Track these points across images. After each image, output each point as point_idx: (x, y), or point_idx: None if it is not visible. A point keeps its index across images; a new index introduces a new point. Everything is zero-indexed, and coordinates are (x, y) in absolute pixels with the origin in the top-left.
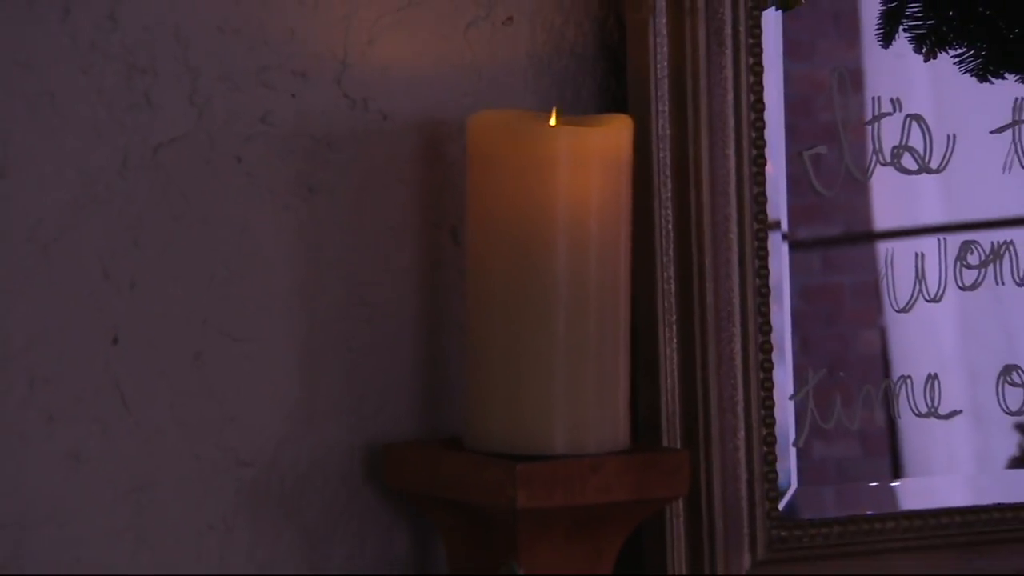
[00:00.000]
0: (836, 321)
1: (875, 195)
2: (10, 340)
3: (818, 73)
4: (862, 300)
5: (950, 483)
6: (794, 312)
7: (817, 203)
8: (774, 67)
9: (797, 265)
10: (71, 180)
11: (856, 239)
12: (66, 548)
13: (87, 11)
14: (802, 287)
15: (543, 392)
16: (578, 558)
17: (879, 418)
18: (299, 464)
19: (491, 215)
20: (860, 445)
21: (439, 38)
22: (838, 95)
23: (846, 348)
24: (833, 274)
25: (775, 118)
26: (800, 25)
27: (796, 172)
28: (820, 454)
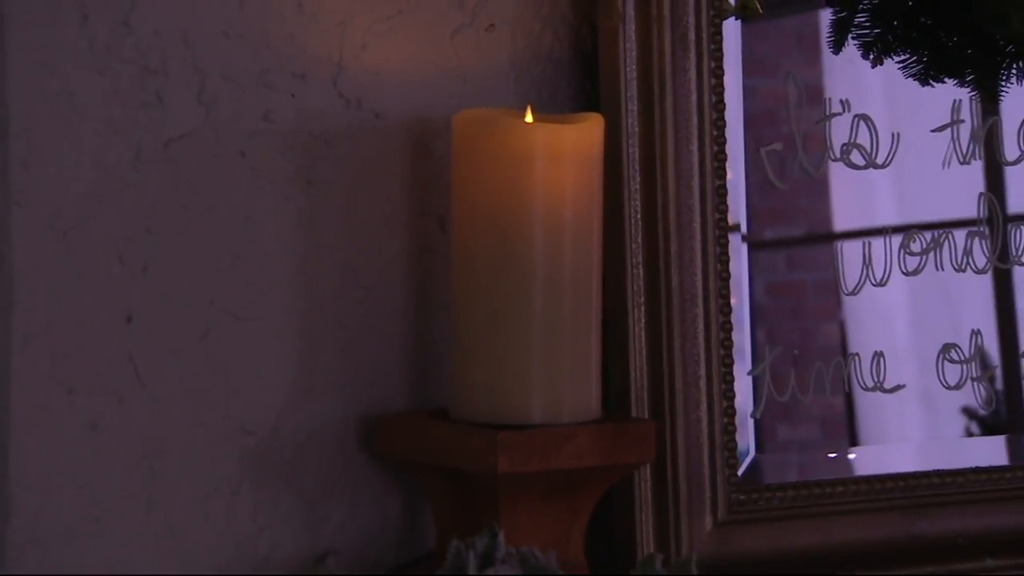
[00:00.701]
0: (800, 315)
1: (833, 197)
2: (33, 319)
3: (782, 88)
4: (823, 295)
5: (899, 451)
6: (760, 307)
7: (781, 206)
8: (734, 70)
9: (763, 264)
10: (88, 172)
11: (816, 240)
12: (85, 509)
13: (103, 17)
14: (767, 284)
15: (522, 367)
16: (554, 519)
17: (830, 392)
18: (298, 433)
19: (474, 205)
20: (813, 417)
21: (427, 43)
22: (792, 96)
23: (808, 340)
24: (796, 272)
25: (734, 117)
26: (766, 46)
27: (754, 168)
28: (776, 425)
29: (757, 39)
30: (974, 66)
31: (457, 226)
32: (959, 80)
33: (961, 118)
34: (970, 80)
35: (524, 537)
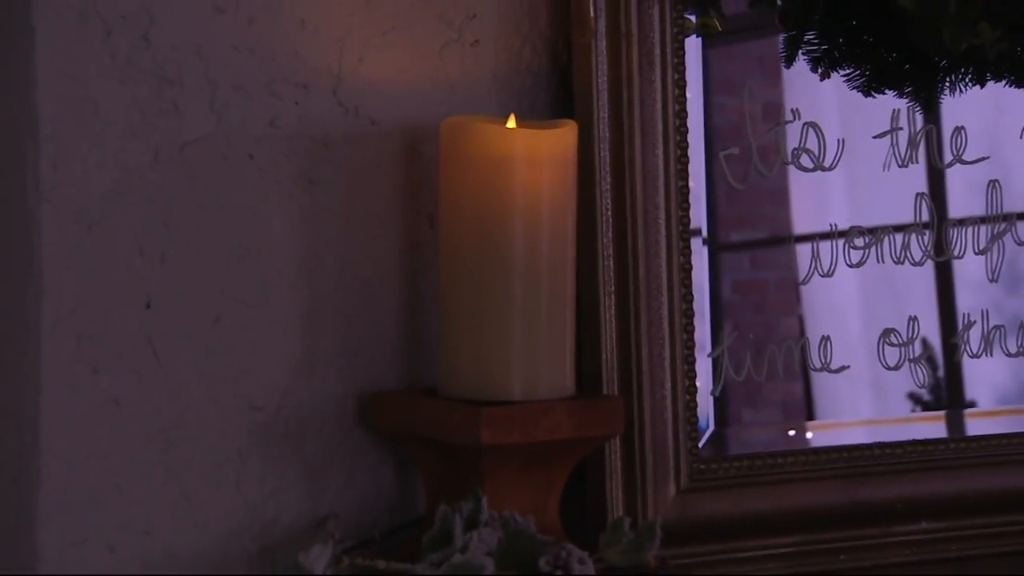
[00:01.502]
0: (763, 310)
1: (792, 203)
2: (60, 305)
3: (751, 105)
4: (784, 292)
5: (850, 428)
6: (726, 303)
7: (745, 212)
8: (695, 83)
9: (729, 264)
10: (111, 173)
11: (776, 242)
12: (108, 478)
13: (125, 33)
14: (733, 282)
15: (503, 349)
16: (532, 486)
17: (781, 373)
18: (301, 409)
19: (461, 204)
20: (775, 401)
21: (418, 57)
22: (747, 105)
23: (771, 332)
24: (759, 271)
25: (696, 125)
26: (733, 66)
27: (719, 173)
28: (733, 401)
29: (725, 60)
30: (912, 79)
31: (445, 223)
32: (898, 91)
33: (900, 125)
34: (908, 91)
35: (505, 503)
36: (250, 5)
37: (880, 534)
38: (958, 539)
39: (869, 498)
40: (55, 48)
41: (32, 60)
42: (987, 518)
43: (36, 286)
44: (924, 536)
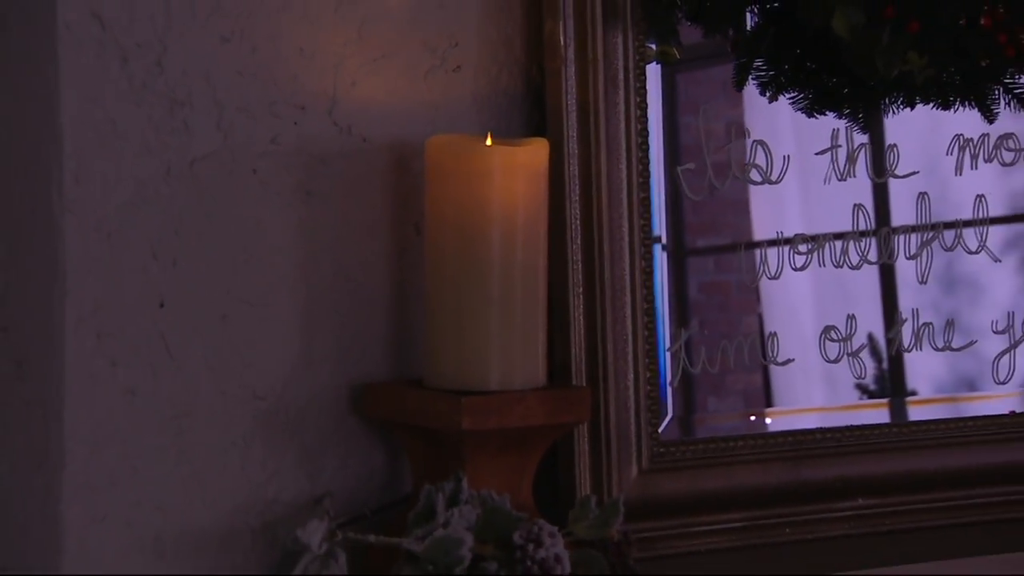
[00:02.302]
0: (726, 309)
1: (752, 213)
2: (82, 305)
3: (710, 125)
4: (744, 292)
5: (804, 414)
6: (693, 302)
7: (710, 221)
8: (655, 104)
9: (695, 267)
10: (127, 186)
11: (737, 247)
12: (125, 461)
13: (140, 60)
14: (699, 283)
15: (481, 343)
16: (508, 467)
17: (733, 364)
18: (300, 399)
19: (444, 213)
20: (738, 391)
21: (405, 81)
22: (703, 125)
23: (733, 328)
24: (723, 273)
25: (656, 141)
26: (697, 89)
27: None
28: (699, 390)
29: (692, 85)
30: (850, 101)
31: (430, 230)
32: (838, 112)
33: (839, 143)
34: (847, 112)
35: (483, 483)
36: (253, 35)
37: (821, 510)
38: (891, 514)
39: (811, 477)
40: (77, 74)
41: (57, 85)
42: (917, 495)
43: (60, 288)
44: (860, 512)
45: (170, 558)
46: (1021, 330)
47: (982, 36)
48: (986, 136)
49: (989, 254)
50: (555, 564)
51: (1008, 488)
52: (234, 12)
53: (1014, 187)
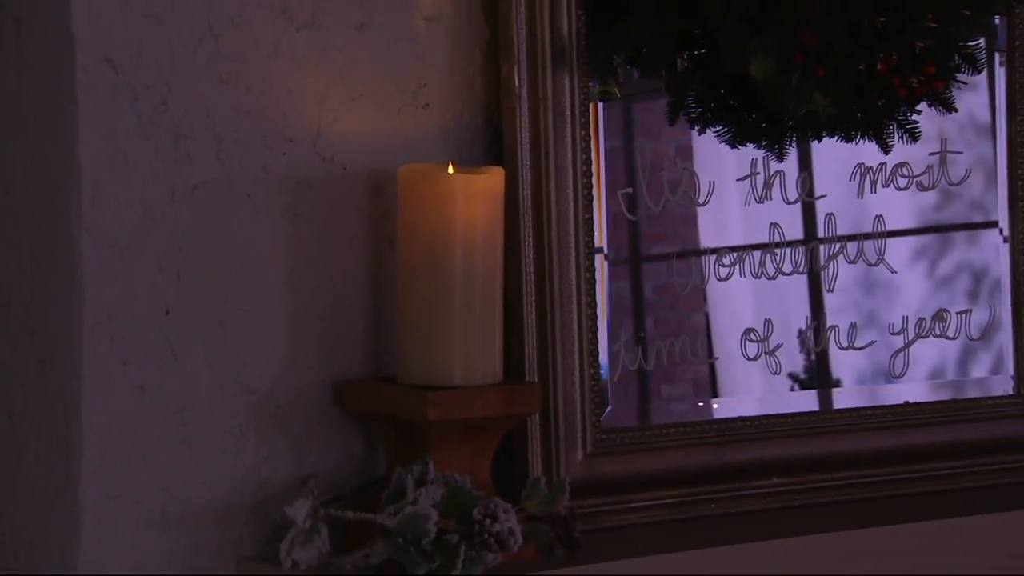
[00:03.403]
0: (676, 308)
1: (699, 225)
2: (98, 312)
3: (661, 147)
4: (691, 294)
5: (744, 402)
6: (648, 302)
7: (663, 232)
8: (599, 136)
9: (651, 271)
10: (137, 209)
11: (683, 255)
12: (136, 448)
13: (148, 99)
14: (654, 285)
15: (446, 345)
16: (469, 453)
17: (666, 362)
18: (289, 393)
19: (414, 231)
20: (687, 379)
21: (380, 117)
22: (638, 158)
23: (681, 325)
24: (674, 277)
25: (600, 168)
26: (651, 117)
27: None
28: (627, 384)
29: (647, 112)
30: (766, 135)
31: (401, 246)
32: (756, 144)
33: (757, 171)
34: (764, 144)
35: (447, 466)
36: (247, 77)
37: (742, 488)
38: (800, 491)
39: (733, 459)
40: (92, 111)
41: (75, 121)
42: (822, 475)
43: (78, 298)
44: (775, 489)
45: (174, 531)
46: (914, 332)
47: (878, 80)
48: (884, 165)
49: (886, 266)
50: (509, 537)
51: (900, 468)
52: (230, 57)
53: (910, 207)
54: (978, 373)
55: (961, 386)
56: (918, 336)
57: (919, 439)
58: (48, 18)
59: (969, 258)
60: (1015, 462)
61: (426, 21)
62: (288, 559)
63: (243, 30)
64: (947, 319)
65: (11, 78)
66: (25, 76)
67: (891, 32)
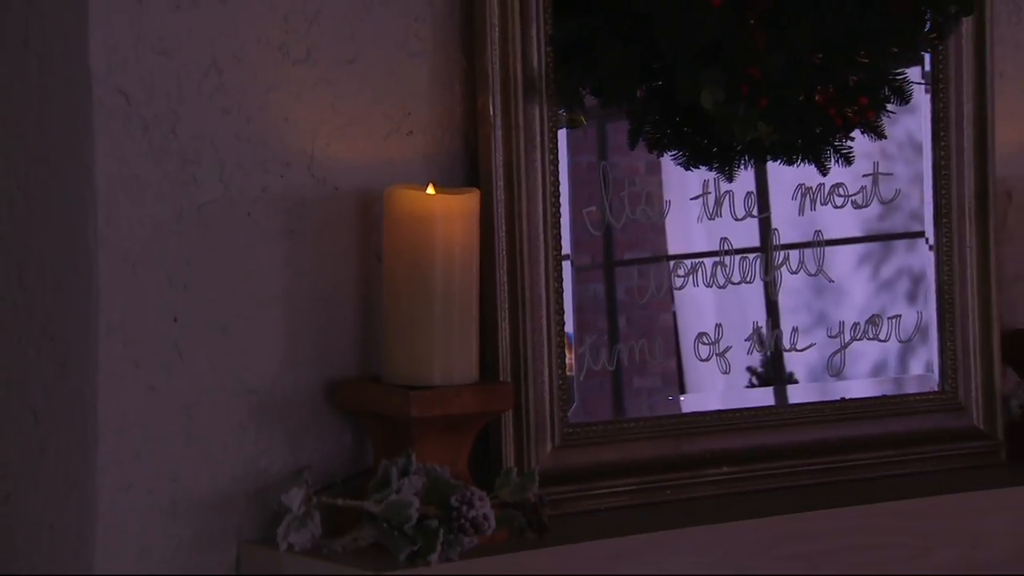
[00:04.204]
0: (647, 308)
1: (667, 235)
2: (112, 318)
3: (632, 163)
4: (660, 295)
5: (708, 396)
6: (620, 303)
7: (634, 240)
8: (564, 161)
9: (624, 275)
10: (148, 226)
11: (650, 261)
12: (146, 442)
13: (158, 128)
14: (626, 287)
15: (427, 349)
16: (448, 446)
17: (626, 363)
18: (286, 392)
19: (398, 247)
20: (658, 374)
21: (368, 143)
22: (608, 174)
23: (652, 324)
24: (644, 279)
25: (565, 189)
26: (623, 136)
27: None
28: (591, 383)
29: (619, 133)
30: (717, 158)
31: (387, 259)
32: (708, 167)
33: (709, 191)
34: (715, 167)
35: (428, 458)
36: (248, 108)
37: (694, 476)
38: (746, 479)
39: (689, 451)
40: (108, 140)
41: (92, 147)
42: (764, 464)
43: (95, 306)
44: (725, 477)
45: (182, 518)
46: (850, 335)
47: (816, 110)
48: (822, 185)
49: (824, 275)
50: (483, 522)
51: (836, 458)
52: (233, 90)
53: (855, 219)
54: (908, 371)
55: (898, 383)
56: (853, 339)
57: (853, 432)
58: (67, 54)
59: (909, 263)
60: (938, 451)
61: (410, 56)
62: (285, 542)
63: (244, 65)
64: (879, 323)
65: (34, 108)
66: (47, 107)
67: (828, 67)
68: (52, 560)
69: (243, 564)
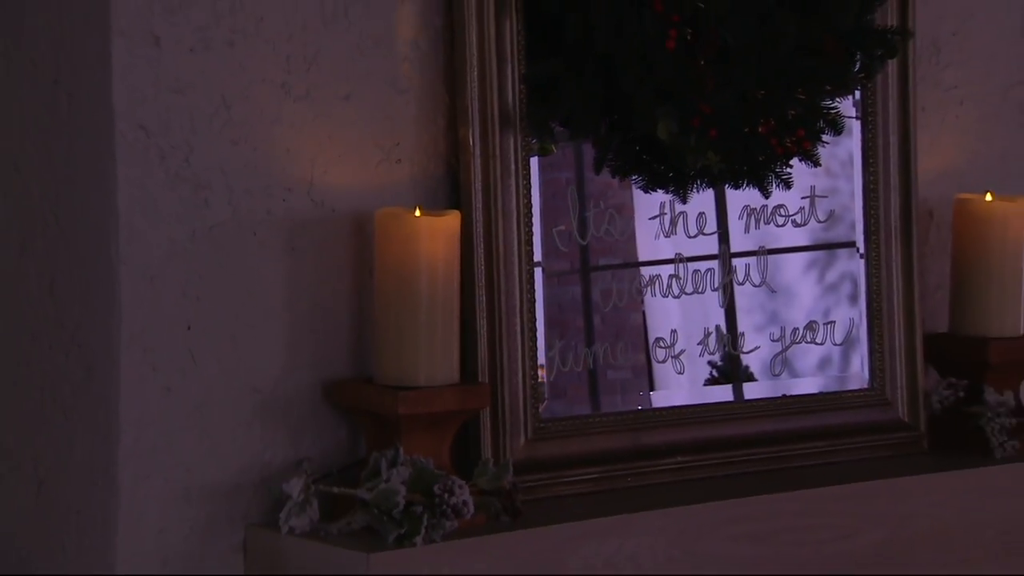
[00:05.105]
0: (619, 308)
1: (638, 245)
2: (133, 327)
3: (607, 179)
4: (631, 297)
5: (675, 392)
6: (595, 303)
7: (609, 248)
8: (536, 184)
9: (599, 279)
10: (164, 245)
11: (622, 266)
12: (163, 437)
13: (173, 158)
14: (601, 290)
15: (413, 353)
16: (432, 440)
17: (592, 365)
18: (288, 392)
19: (388, 262)
20: (581, 378)
21: (361, 170)
22: (571, 198)
23: (624, 323)
24: (616, 283)
25: (537, 209)
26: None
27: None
28: (560, 382)
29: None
30: (672, 183)
31: (378, 274)
32: (664, 190)
33: (665, 211)
34: (671, 190)
35: (415, 451)
36: (254, 139)
37: (652, 465)
38: (699, 467)
39: (648, 442)
40: (129, 168)
41: (114, 175)
42: (714, 454)
43: (117, 316)
44: (679, 466)
45: (194, 504)
46: (790, 339)
47: (759, 140)
48: (765, 206)
49: (768, 287)
50: (463, 507)
51: (778, 448)
52: (240, 123)
53: (803, 229)
54: (844, 370)
55: (838, 380)
56: (793, 343)
57: (793, 425)
58: (93, 93)
59: (851, 268)
60: (868, 442)
61: (398, 93)
62: (286, 526)
63: (250, 102)
64: (816, 329)
65: (64, 140)
66: (75, 139)
67: (770, 102)
68: (79, 541)
69: (249, 545)
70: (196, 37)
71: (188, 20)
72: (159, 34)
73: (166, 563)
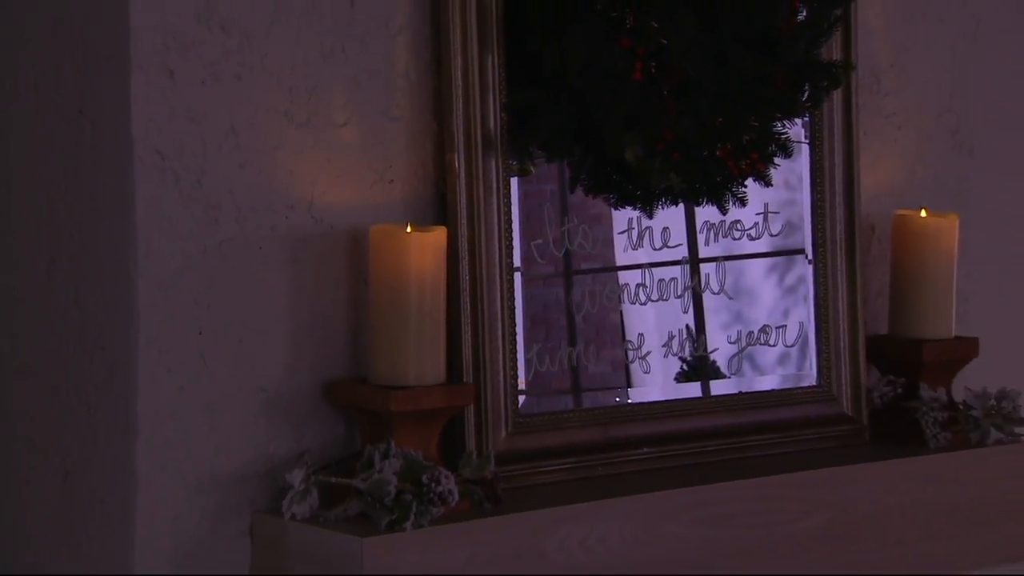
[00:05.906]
0: (601, 310)
1: (615, 253)
2: (149, 332)
3: (545, 214)
4: (610, 299)
5: (649, 389)
6: (576, 304)
7: (590, 254)
8: (516, 201)
9: (581, 282)
10: (177, 258)
11: (601, 270)
12: (176, 432)
13: (186, 179)
14: (583, 292)
15: (404, 355)
16: (421, 435)
17: (567, 366)
18: (290, 391)
19: (381, 274)
20: (558, 377)
21: (357, 190)
22: (547, 213)
23: (603, 323)
24: (597, 284)
25: (517, 226)
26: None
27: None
28: (538, 381)
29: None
30: (640, 200)
31: (372, 283)
32: (633, 207)
33: (633, 226)
34: (638, 207)
35: (405, 444)
36: (260, 163)
37: (621, 456)
38: (663, 458)
39: (617, 435)
40: (146, 189)
41: (133, 195)
42: (678, 446)
43: (135, 323)
44: (645, 457)
45: (205, 492)
46: (745, 341)
47: (718, 162)
48: (723, 222)
49: (726, 294)
50: (449, 495)
51: (734, 440)
52: (248, 148)
53: (764, 239)
54: (796, 368)
55: (794, 378)
56: (748, 345)
57: (749, 419)
58: (115, 121)
59: (805, 273)
60: (816, 434)
61: (390, 121)
62: (288, 512)
63: (257, 128)
64: (770, 332)
65: (87, 165)
66: (98, 163)
67: (727, 128)
68: (102, 527)
69: (255, 529)
70: (207, 71)
71: (200, 56)
72: (173, 68)
73: (179, 546)
